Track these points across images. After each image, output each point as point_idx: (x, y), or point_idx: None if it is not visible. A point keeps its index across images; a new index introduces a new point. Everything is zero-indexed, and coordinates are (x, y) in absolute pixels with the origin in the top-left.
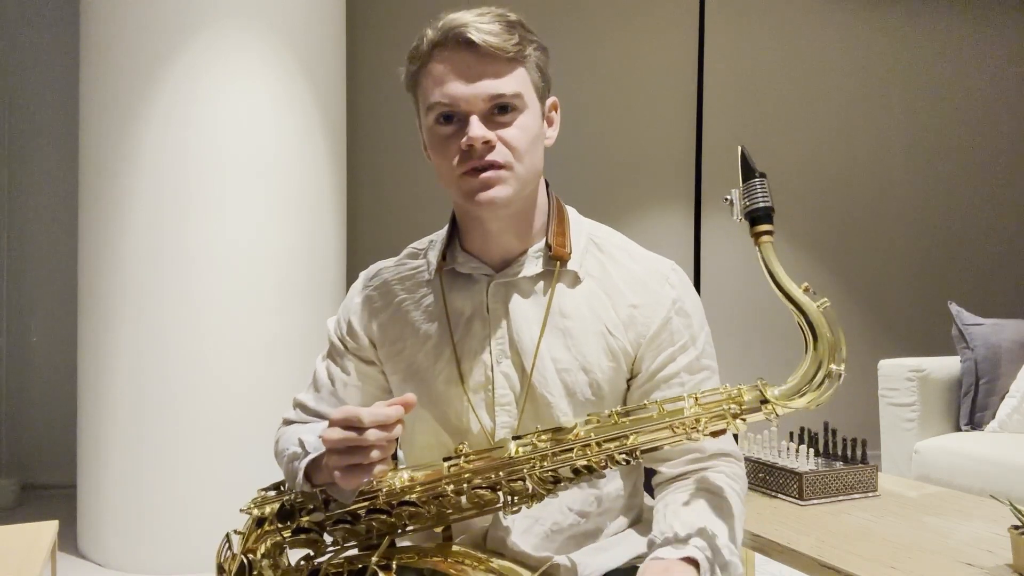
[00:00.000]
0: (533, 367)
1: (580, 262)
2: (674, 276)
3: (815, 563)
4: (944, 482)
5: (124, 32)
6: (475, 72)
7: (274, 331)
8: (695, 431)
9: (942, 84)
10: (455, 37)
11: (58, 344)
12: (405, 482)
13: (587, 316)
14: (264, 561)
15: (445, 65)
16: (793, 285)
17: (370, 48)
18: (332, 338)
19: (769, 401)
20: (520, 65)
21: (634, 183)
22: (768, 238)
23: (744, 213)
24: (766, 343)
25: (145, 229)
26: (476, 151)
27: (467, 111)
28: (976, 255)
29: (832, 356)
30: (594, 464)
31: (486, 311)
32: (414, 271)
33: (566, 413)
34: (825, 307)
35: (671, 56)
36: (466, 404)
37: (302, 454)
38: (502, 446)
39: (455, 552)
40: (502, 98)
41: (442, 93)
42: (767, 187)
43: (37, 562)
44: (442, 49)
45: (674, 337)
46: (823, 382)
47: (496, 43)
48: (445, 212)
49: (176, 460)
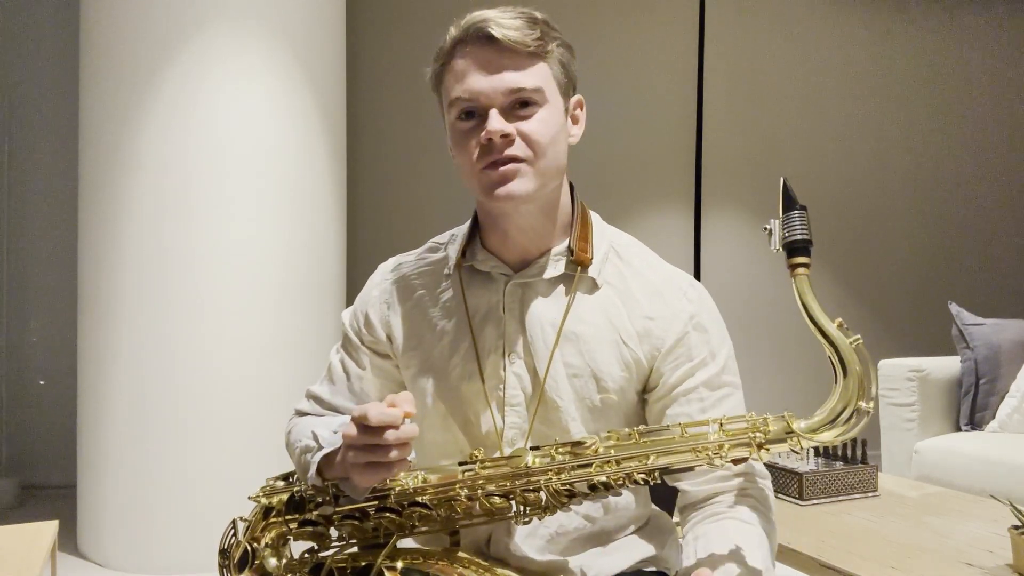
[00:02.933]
0: (547, 371)
1: (600, 269)
2: (692, 291)
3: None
4: (944, 482)
5: (124, 32)
6: (495, 66)
7: (274, 331)
8: (717, 456)
9: (942, 84)
10: (476, 32)
11: (58, 344)
12: (418, 483)
13: (602, 324)
14: (267, 551)
15: (466, 60)
16: (827, 319)
17: (370, 48)
18: (347, 331)
19: (795, 433)
20: (541, 60)
21: (634, 183)
22: (804, 271)
23: (782, 244)
24: (766, 344)
25: (145, 229)
26: (495, 145)
27: (487, 105)
28: (976, 255)
29: (861, 393)
30: (612, 482)
31: (502, 310)
32: (434, 265)
33: (574, 418)
34: (858, 344)
35: (671, 56)
36: (478, 401)
37: (315, 447)
38: (519, 456)
39: (460, 558)
40: (522, 92)
41: (462, 88)
42: (806, 220)
43: (37, 562)
44: (464, 45)
45: (692, 352)
46: (850, 418)
47: (517, 37)
48: (445, 212)
49: (176, 460)
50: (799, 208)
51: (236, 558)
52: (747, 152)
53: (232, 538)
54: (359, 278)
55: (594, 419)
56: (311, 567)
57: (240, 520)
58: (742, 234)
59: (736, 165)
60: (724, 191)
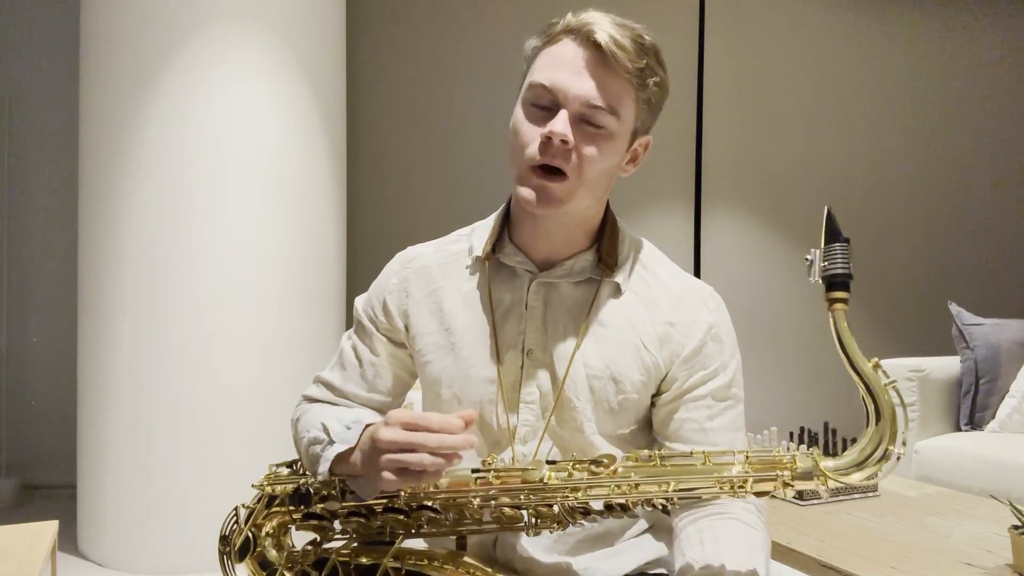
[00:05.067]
0: (567, 371)
1: (625, 275)
2: (712, 301)
3: (815, 563)
4: (944, 482)
5: (124, 33)
6: (589, 72)
7: (274, 331)
8: (741, 489)
9: (942, 84)
10: (588, 33)
11: (58, 344)
12: (429, 486)
13: (624, 328)
14: (268, 540)
15: (566, 52)
16: (863, 359)
17: (370, 48)
18: (361, 318)
19: (823, 473)
20: (633, 89)
21: (634, 183)
22: (842, 306)
23: (821, 276)
24: (766, 343)
25: (145, 229)
26: (552, 146)
27: (562, 104)
28: (976, 255)
29: (892, 437)
30: (629, 504)
31: (524, 307)
32: (456, 256)
33: (590, 419)
34: (892, 386)
35: (671, 56)
36: (493, 396)
37: (325, 440)
38: (535, 468)
39: (465, 563)
40: (599, 111)
41: (548, 77)
42: (848, 254)
43: (37, 562)
44: (571, 37)
45: (707, 362)
46: (880, 460)
47: (621, 56)
48: (445, 212)
49: (176, 460)
50: (842, 241)
51: (237, 545)
52: (747, 152)
53: (234, 525)
54: (359, 278)
55: (610, 422)
56: (314, 561)
57: (243, 507)
58: (742, 234)
59: (736, 165)
60: (724, 191)
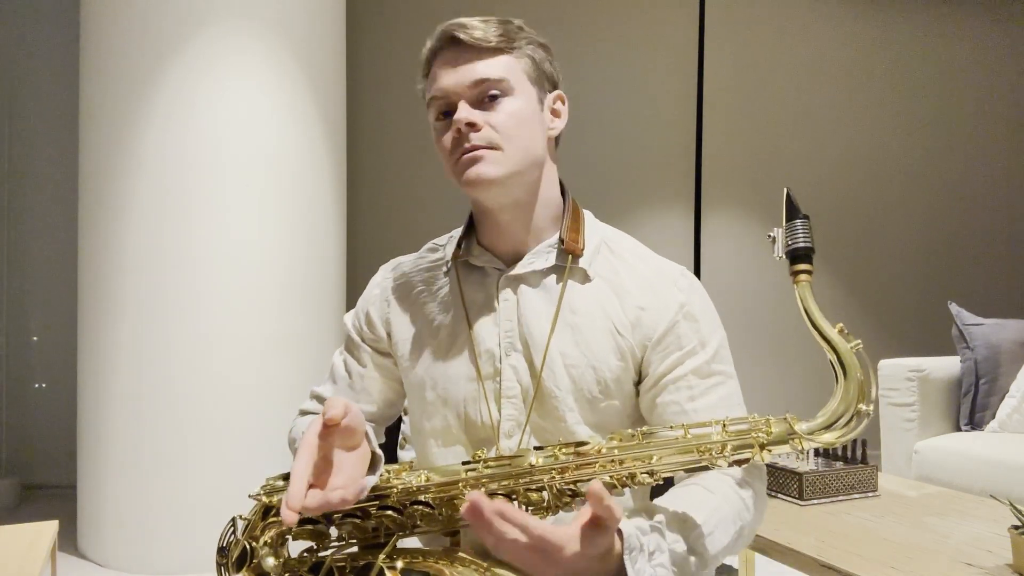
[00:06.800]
0: (543, 361)
1: (591, 261)
2: (683, 280)
3: (815, 563)
4: (944, 482)
5: (124, 32)
6: (461, 61)
7: (274, 331)
8: (721, 456)
9: (943, 85)
10: (444, 36)
11: (58, 344)
12: (421, 482)
13: (597, 314)
14: (265, 549)
15: (439, 64)
16: (828, 324)
17: (370, 48)
18: (350, 331)
19: (797, 434)
20: (505, 54)
21: (634, 183)
22: (806, 277)
23: (785, 251)
24: (766, 343)
25: (145, 229)
26: (464, 134)
27: (456, 99)
28: (976, 255)
29: (861, 396)
30: (615, 481)
31: (495, 303)
32: (432, 264)
33: (571, 408)
34: (858, 348)
35: (671, 56)
36: (475, 393)
37: None
38: (523, 455)
39: (460, 558)
40: (486, 82)
41: (435, 88)
42: (809, 228)
43: (37, 562)
44: (437, 53)
45: (681, 341)
46: (851, 420)
47: (479, 35)
48: (445, 212)
49: (176, 460)
50: (801, 217)
51: (234, 556)
52: (747, 152)
53: (231, 536)
54: (359, 278)
55: (592, 411)
56: (310, 566)
57: (240, 518)
58: (742, 234)
59: (736, 165)
60: (724, 191)
